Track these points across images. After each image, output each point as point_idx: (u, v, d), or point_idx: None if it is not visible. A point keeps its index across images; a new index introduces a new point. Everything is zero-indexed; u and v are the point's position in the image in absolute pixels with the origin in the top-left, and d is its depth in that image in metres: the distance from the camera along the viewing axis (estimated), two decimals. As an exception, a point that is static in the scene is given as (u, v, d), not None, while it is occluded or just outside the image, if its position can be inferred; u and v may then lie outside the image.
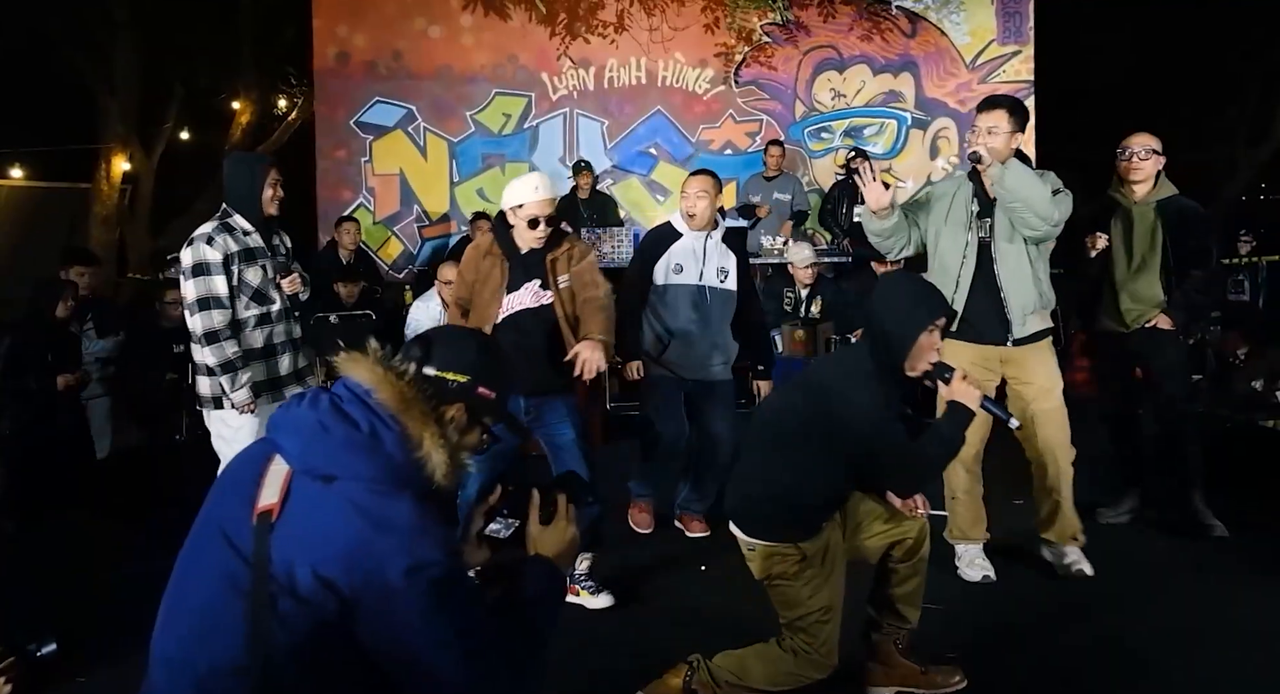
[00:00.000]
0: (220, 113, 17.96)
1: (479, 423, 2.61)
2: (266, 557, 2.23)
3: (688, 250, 6.14)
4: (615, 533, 6.21)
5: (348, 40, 12.80)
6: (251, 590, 2.23)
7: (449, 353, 2.57)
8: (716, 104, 12.92)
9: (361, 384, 2.42)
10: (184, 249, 5.39)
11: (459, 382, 2.53)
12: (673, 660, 4.05)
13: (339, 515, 2.25)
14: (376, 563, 2.20)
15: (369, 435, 2.33)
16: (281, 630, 2.20)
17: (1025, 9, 12.77)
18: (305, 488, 2.31)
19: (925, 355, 3.82)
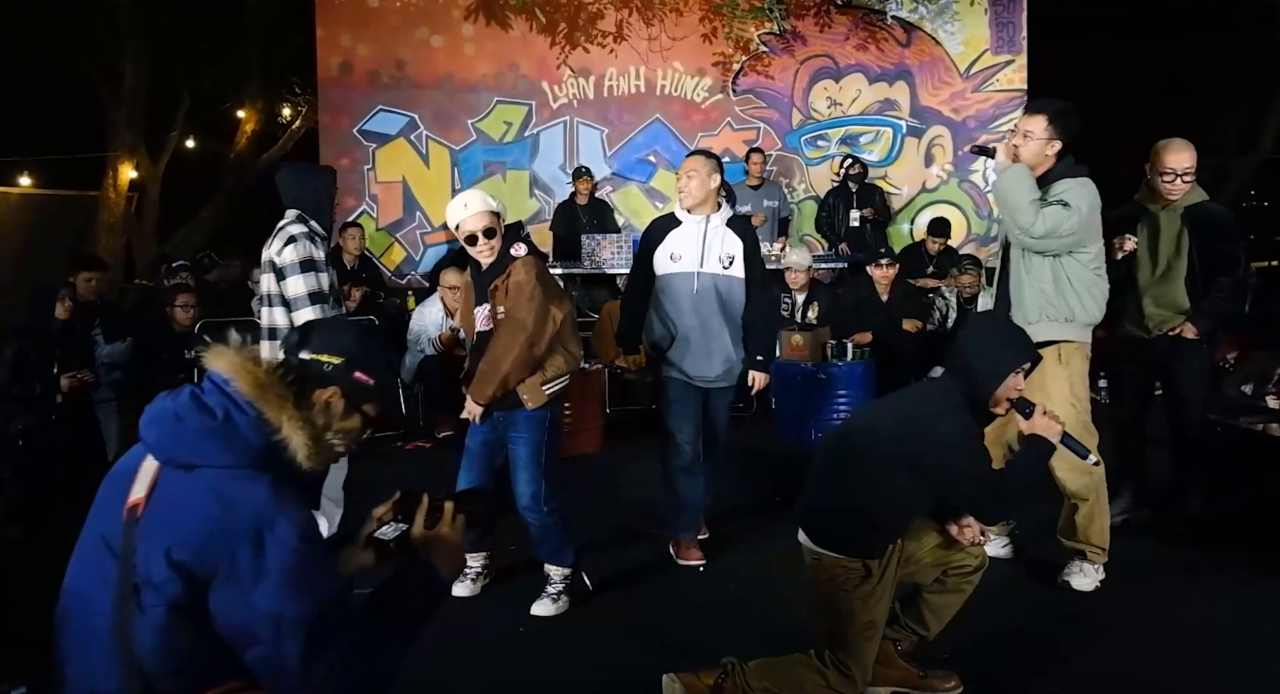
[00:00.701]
0: (226, 121, 17.99)
1: (358, 410, 2.58)
2: (132, 549, 2.25)
3: (687, 236, 5.75)
4: (615, 535, 6.21)
5: (351, 50, 12.78)
6: (117, 583, 2.25)
7: (325, 337, 2.58)
8: (714, 112, 12.91)
9: (221, 373, 2.41)
10: (284, 246, 5.49)
11: (332, 364, 2.53)
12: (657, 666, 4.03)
13: (195, 500, 2.25)
14: (228, 545, 2.20)
15: (223, 422, 2.33)
16: (145, 621, 2.21)
17: (1018, 19, 12.76)
18: (169, 478, 2.31)
19: (1009, 394, 3.89)
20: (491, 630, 4.95)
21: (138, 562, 2.22)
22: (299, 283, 5.44)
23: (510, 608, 5.19)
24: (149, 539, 2.23)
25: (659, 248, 5.82)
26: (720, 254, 5.73)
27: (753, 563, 5.84)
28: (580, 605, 5.24)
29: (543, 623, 5.03)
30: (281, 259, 5.50)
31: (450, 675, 4.49)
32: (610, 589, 5.47)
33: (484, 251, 5.04)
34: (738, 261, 5.75)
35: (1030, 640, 4.72)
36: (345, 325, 2.75)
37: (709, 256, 5.71)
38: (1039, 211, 4.94)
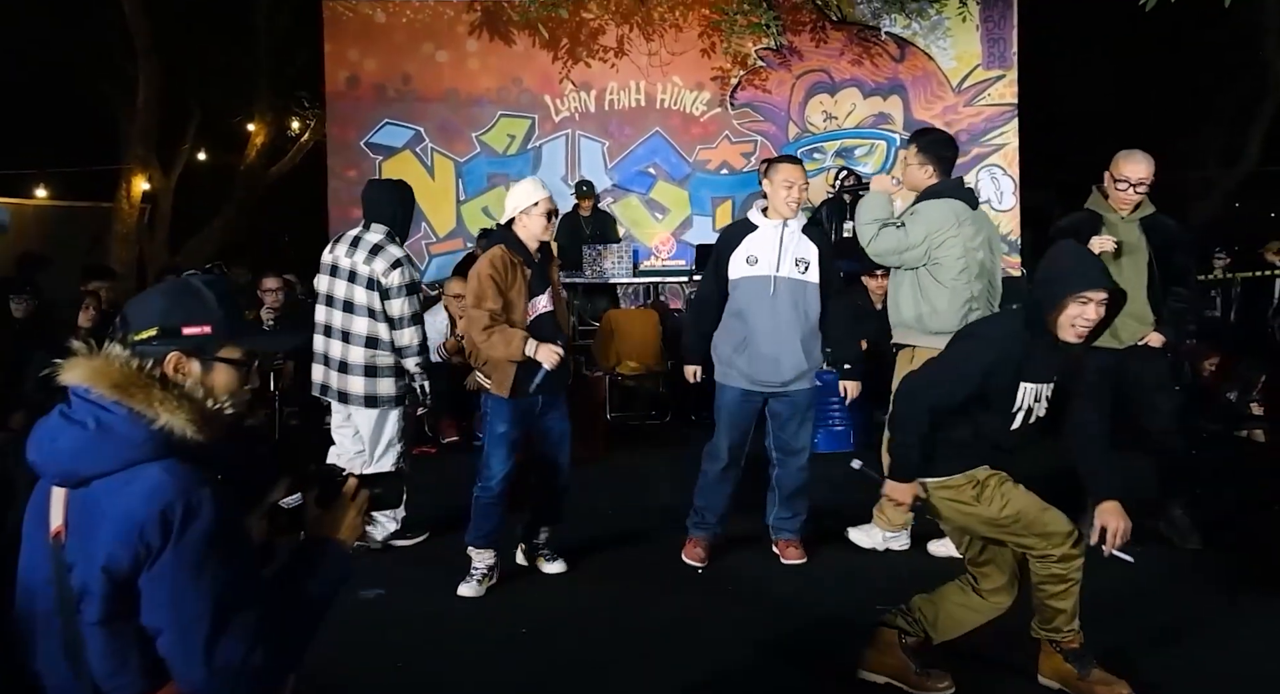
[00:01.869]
0: (236, 134, 17.99)
1: (214, 360, 2.41)
2: (66, 569, 2.21)
3: (765, 241, 5.69)
4: (615, 538, 6.19)
5: (358, 64, 12.78)
6: (60, 609, 2.22)
7: (136, 315, 2.40)
8: (713, 125, 12.89)
9: (79, 384, 2.31)
10: (391, 269, 5.84)
11: (151, 336, 2.36)
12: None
13: (104, 508, 2.20)
14: (139, 536, 2.16)
15: (95, 430, 2.24)
16: (91, 634, 2.20)
17: (1009, 35, 12.75)
18: (74, 498, 2.25)
19: (1070, 321, 3.86)
20: (494, 631, 4.93)
21: (72, 579, 2.20)
22: (404, 305, 5.84)
23: (512, 609, 5.18)
24: (77, 557, 2.20)
25: (734, 252, 5.76)
26: (796, 257, 5.70)
27: (752, 564, 5.83)
28: (581, 606, 5.23)
29: (544, 624, 5.01)
30: (388, 281, 5.82)
31: (453, 675, 4.48)
32: (611, 591, 5.46)
33: (552, 230, 5.36)
34: (813, 267, 5.72)
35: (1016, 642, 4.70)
36: (150, 294, 2.54)
37: (785, 260, 5.68)
38: (876, 233, 5.57)
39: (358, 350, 5.90)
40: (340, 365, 5.96)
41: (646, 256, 12.46)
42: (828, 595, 5.35)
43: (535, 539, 5.68)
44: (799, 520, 5.98)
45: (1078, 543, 3.95)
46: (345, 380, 5.93)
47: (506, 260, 5.27)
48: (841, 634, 4.78)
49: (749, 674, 4.44)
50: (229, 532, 2.26)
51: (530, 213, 5.26)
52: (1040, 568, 3.97)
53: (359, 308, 5.91)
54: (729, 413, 5.89)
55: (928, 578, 5.44)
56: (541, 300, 5.34)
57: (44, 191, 19.00)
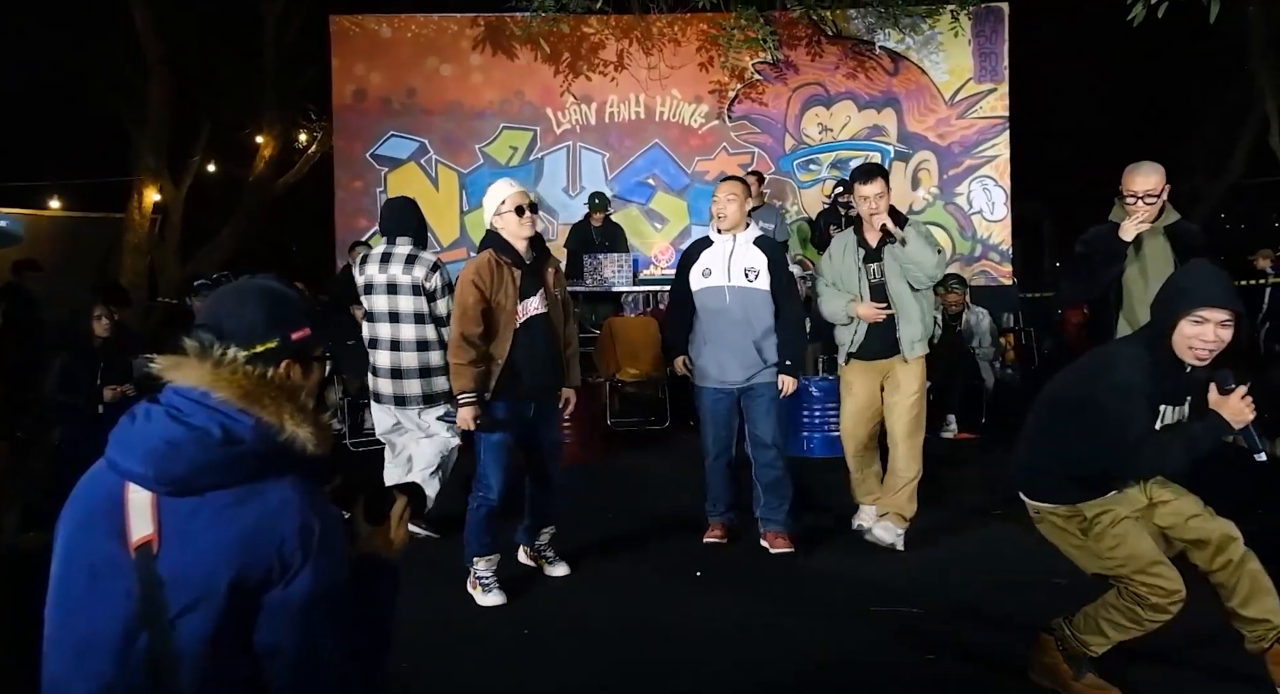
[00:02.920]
0: (245, 146, 18.00)
1: (313, 361, 2.35)
2: (158, 584, 2.03)
3: (716, 253, 6.08)
4: (616, 541, 6.18)
5: (365, 78, 12.79)
6: (147, 622, 2.03)
7: (240, 327, 2.24)
8: (711, 137, 12.89)
9: (194, 387, 2.15)
10: (431, 273, 6.24)
11: (270, 348, 2.23)
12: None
13: (224, 520, 2.06)
14: (275, 553, 2.05)
15: (223, 441, 2.09)
16: (186, 651, 2.02)
17: (1000, 49, 12.76)
18: (177, 507, 2.08)
19: (1188, 341, 3.67)
20: (498, 632, 4.92)
21: (168, 595, 2.02)
22: (448, 303, 6.11)
23: (514, 610, 5.17)
24: (178, 570, 2.03)
25: (693, 266, 6.14)
26: (745, 267, 5.99)
27: (751, 567, 5.82)
28: (582, 607, 5.22)
29: (547, 625, 5.00)
30: (432, 284, 6.22)
31: (458, 675, 4.46)
32: (613, 592, 5.45)
33: (527, 222, 5.26)
34: (762, 275, 5.99)
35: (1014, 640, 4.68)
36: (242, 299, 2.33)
37: (734, 270, 6.00)
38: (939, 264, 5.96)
39: (410, 355, 6.23)
40: (393, 372, 6.25)
41: (646, 265, 12.48)
42: (826, 593, 5.33)
43: (537, 541, 5.67)
44: (783, 511, 6.13)
45: (1176, 604, 3.75)
46: (401, 385, 6.24)
47: (492, 263, 5.25)
48: (842, 632, 4.78)
49: (748, 674, 4.42)
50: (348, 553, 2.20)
51: (502, 213, 5.25)
52: (1123, 600, 3.83)
53: (404, 316, 6.22)
54: (705, 411, 6.22)
55: (929, 574, 5.45)
56: (533, 302, 5.30)
57: (57, 203, 19.01)
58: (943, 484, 7.34)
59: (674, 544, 6.23)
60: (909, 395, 6.06)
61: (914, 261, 5.83)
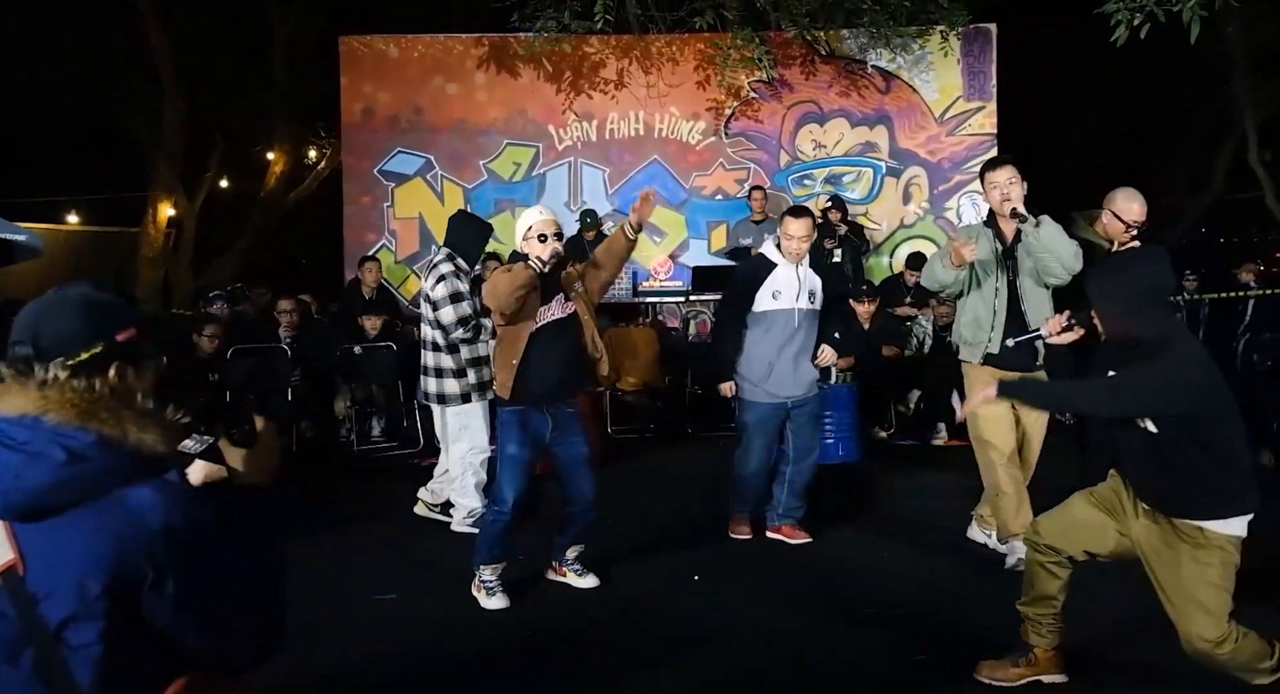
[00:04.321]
0: (256, 163, 18.01)
1: (144, 359, 2.22)
2: (32, 602, 1.99)
3: (786, 279, 6.16)
4: (615, 544, 6.15)
5: (373, 96, 12.80)
6: (30, 639, 2.00)
7: (57, 337, 2.11)
8: (708, 153, 12.89)
9: (25, 413, 2.04)
10: (436, 283, 6.46)
11: (95, 354, 2.12)
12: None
13: (84, 533, 1.99)
14: (141, 552, 1.99)
15: (67, 461, 2.00)
16: (81, 658, 2.00)
17: (988, 69, 12.77)
18: (36, 529, 2.01)
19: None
20: (502, 633, 4.90)
21: (45, 611, 1.98)
22: (450, 312, 6.38)
23: (517, 612, 5.15)
24: (50, 587, 1.99)
25: (761, 287, 6.20)
26: (810, 290, 6.21)
27: (748, 570, 5.80)
28: (584, 609, 5.21)
29: (549, 626, 4.98)
30: (435, 294, 6.46)
31: (462, 676, 4.44)
32: (613, 594, 5.43)
33: (550, 249, 5.25)
34: (818, 296, 6.26)
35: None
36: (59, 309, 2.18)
37: (802, 294, 6.17)
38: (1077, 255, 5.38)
39: (430, 355, 6.67)
40: (422, 369, 6.76)
41: (645, 278, 12.47)
42: (821, 595, 5.31)
43: (564, 556, 5.61)
44: (803, 509, 6.42)
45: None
46: (426, 382, 6.72)
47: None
48: (836, 633, 4.76)
49: (744, 675, 4.40)
50: (220, 530, 2.14)
51: (529, 238, 5.28)
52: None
53: (428, 321, 6.63)
54: (760, 424, 6.30)
55: (922, 577, 5.42)
56: (549, 308, 5.31)
57: (75, 217, 19.04)
58: (934, 490, 7.32)
59: (673, 547, 6.21)
60: (1046, 417, 5.83)
61: (1049, 250, 5.36)
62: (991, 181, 5.56)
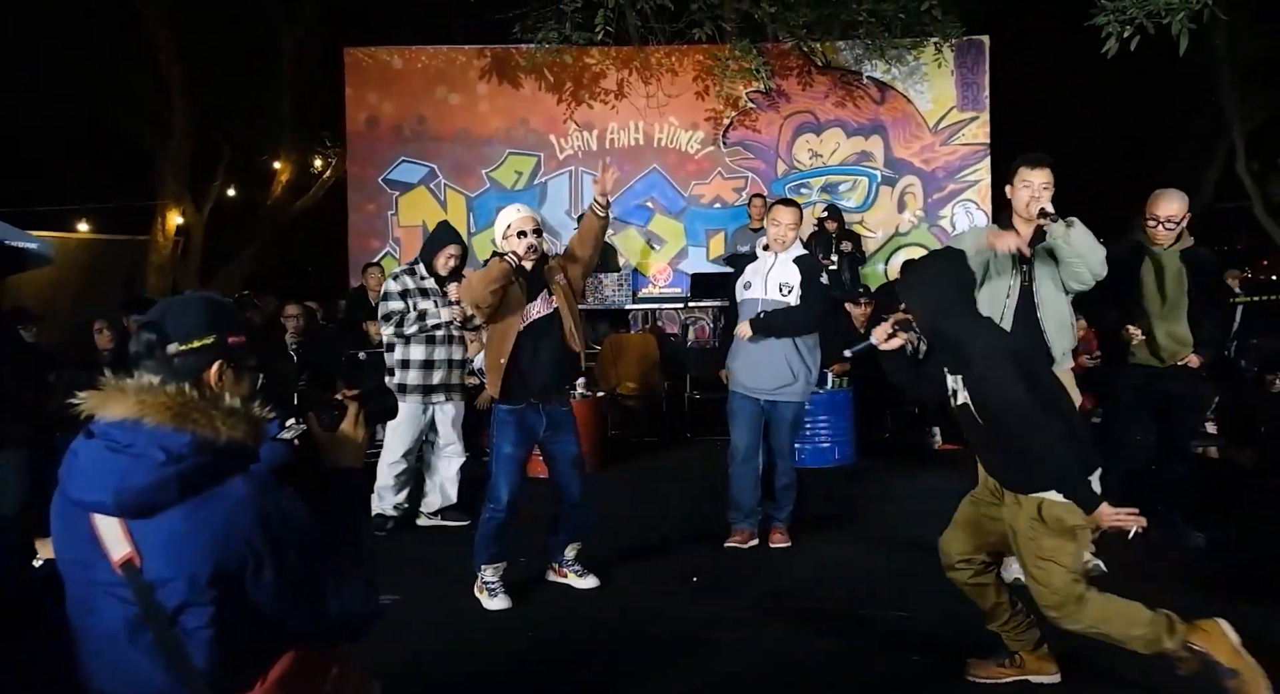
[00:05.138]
0: (263, 172, 18.04)
1: (245, 367, 2.41)
2: (150, 591, 2.15)
3: (758, 268, 6.16)
4: (616, 546, 6.14)
5: (377, 107, 12.81)
6: (149, 623, 2.16)
7: (183, 323, 2.32)
8: (706, 162, 12.90)
9: (126, 418, 2.19)
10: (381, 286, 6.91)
11: (206, 344, 2.31)
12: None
13: (190, 529, 2.14)
14: (242, 543, 2.16)
15: (166, 460, 2.14)
16: (195, 640, 2.17)
17: (981, 80, 12.78)
18: (144, 527, 2.16)
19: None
20: (505, 634, 4.89)
21: (161, 598, 2.14)
22: (379, 308, 6.77)
23: (520, 613, 5.14)
24: (165, 577, 2.14)
25: (739, 280, 6.28)
26: (780, 283, 6.06)
27: (744, 572, 5.80)
28: (586, 610, 5.20)
29: (551, 627, 4.97)
30: (382, 298, 6.78)
31: (467, 676, 4.44)
32: (614, 596, 5.42)
33: (528, 245, 5.21)
34: (795, 290, 6.03)
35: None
36: (186, 303, 2.43)
37: (770, 285, 6.07)
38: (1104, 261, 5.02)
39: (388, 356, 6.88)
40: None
41: (645, 284, 12.47)
42: (816, 597, 5.30)
43: (563, 556, 5.60)
44: (786, 512, 6.30)
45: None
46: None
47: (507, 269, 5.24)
48: (832, 635, 4.75)
49: (741, 676, 4.39)
50: (310, 515, 2.28)
51: (508, 236, 5.25)
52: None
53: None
54: (734, 413, 6.25)
55: (916, 579, 5.41)
56: (535, 306, 5.28)
57: (86, 226, 19.06)
58: (930, 492, 7.32)
59: (672, 550, 6.21)
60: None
61: (1080, 254, 4.94)
62: (1025, 179, 5.14)
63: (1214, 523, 6.15)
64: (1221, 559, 5.80)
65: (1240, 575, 5.51)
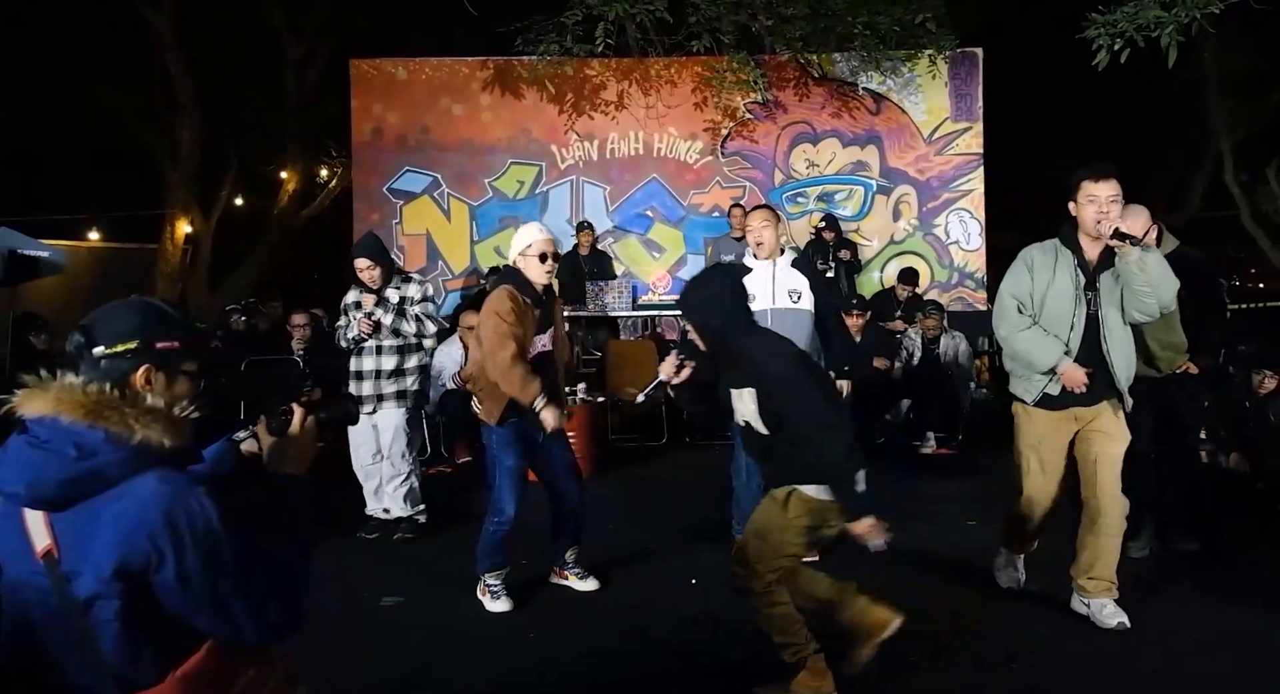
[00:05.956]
0: (270, 181, 18.03)
1: (179, 372, 2.38)
2: (65, 581, 2.18)
3: (758, 279, 5.76)
4: (616, 549, 6.14)
5: (382, 117, 12.84)
6: (64, 614, 2.19)
7: (110, 327, 2.34)
8: (705, 172, 12.92)
9: (44, 414, 2.23)
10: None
11: (130, 349, 2.31)
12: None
13: (101, 523, 2.16)
14: (147, 540, 2.14)
15: (79, 456, 2.18)
16: (106, 630, 2.18)
17: (975, 91, 12.81)
18: (62, 519, 2.20)
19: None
20: (507, 634, 4.89)
21: (75, 590, 2.17)
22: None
23: (522, 614, 5.14)
24: (77, 568, 2.17)
25: None
26: (789, 289, 5.84)
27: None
28: (587, 612, 5.20)
29: (553, 628, 4.97)
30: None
31: (472, 677, 4.43)
32: (615, 597, 5.43)
33: (549, 270, 5.19)
34: (805, 296, 5.84)
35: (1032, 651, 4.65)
36: (120, 308, 2.42)
37: (778, 293, 5.81)
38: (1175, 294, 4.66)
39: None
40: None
41: (644, 292, 12.46)
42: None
43: (564, 559, 5.59)
44: None
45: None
46: None
47: (519, 302, 5.12)
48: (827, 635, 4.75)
49: (737, 676, 4.39)
50: (225, 516, 2.23)
51: (527, 255, 5.18)
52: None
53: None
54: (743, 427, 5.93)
55: (911, 580, 5.41)
56: (542, 339, 5.24)
57: (96, 234, 19.04)
58: (924, 496, 7.32)
59: (671, 552, 6.20)
60: (1122, 446, 4.82)
61: (1154, 284, 4.48)
62: (1090, 194, 4.58)
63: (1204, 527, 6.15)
64: (1219, 563, 5.81)
65: (1238, 577, 5.51)
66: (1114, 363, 4.70)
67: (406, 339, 6.69)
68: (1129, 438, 4.85)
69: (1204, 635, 4.67)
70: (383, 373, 6.64)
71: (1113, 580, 4.85)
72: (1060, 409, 4.82)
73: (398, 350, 6.67)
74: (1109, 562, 4.84)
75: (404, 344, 6.69)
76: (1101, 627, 4.76)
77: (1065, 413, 4.83)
